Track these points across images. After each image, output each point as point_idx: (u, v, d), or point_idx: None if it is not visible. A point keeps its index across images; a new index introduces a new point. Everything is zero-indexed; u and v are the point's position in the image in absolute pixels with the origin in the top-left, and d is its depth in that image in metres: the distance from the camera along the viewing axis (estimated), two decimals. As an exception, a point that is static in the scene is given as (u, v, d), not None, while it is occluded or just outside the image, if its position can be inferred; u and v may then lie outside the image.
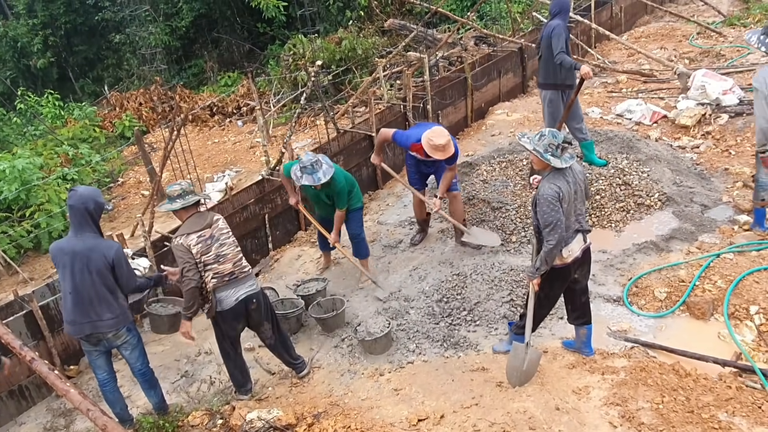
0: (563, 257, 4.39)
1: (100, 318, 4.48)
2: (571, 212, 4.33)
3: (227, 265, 4.69)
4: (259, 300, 4.88)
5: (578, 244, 4.45)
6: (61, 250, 4.46)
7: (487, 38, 12.41)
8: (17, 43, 20.22)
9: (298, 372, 5.24)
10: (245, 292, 4.77)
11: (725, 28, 12.74)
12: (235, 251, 4.78)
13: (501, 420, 4.21)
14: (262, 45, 18.70)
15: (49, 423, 5.31)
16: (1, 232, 8.63)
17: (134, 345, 4.76)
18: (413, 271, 6.47)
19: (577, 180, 4.37)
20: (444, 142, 5.95)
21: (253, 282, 4.88)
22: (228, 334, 4.86)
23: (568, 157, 4.26)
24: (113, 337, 4.61)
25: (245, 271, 4.80)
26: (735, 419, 4.04)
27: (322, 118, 10.23)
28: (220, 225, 4.74)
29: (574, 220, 4.38)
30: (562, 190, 4.22)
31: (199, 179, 9.96)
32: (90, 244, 4.45)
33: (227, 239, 4.73)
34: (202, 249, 4.59)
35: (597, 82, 11.11)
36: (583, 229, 4.47)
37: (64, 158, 11.34)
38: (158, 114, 14.57)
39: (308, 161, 5.79)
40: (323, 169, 5.80)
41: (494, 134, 9.59)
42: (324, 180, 5.78)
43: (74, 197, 4.43)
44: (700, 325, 5.16)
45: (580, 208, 4.44)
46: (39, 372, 3.72)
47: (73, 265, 4.41)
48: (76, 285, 4.42)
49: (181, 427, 4.77)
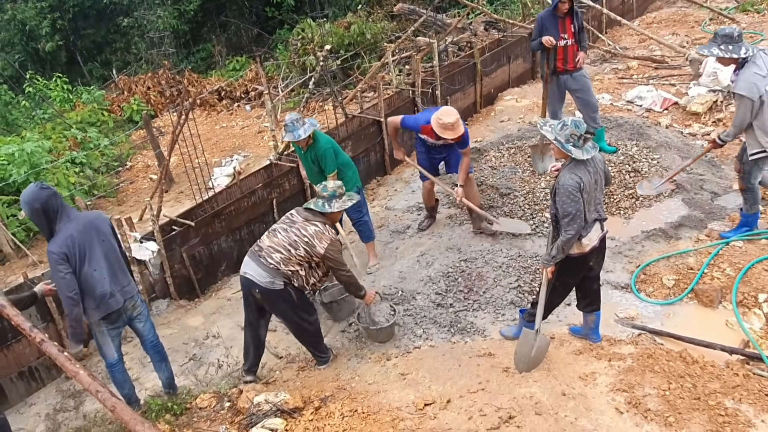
0: (582, 246, 4.37)
1: (123, 284, 4.57)
2: (591, 202, 4.28)
3: (266, 242, 4.81)
4: (265, 294, 4.77)
5: (596, 233, 4.43)
6: (69, 238, 4.29)
7: (497, 23, 12.31)
8: (25, 27, 20.20)
9: (317, 363, 5.25)
10: (252, 274, 4.75)
11: (738, 13, 12.58)
12: (281, 242, 4.74)
13: (507, 405, 4.22)
14: (271, 29, 18.61)
15: (58, 404, 5.37)
16: (11, 215, 8.68)
17: (146, 316, 4.85)
18: (421, 257, 6.47)
19: (598, 169, 4.31)
20: (453, 120, 5.86)
21: (268, 276, 4.71)
22: (246, 301, 4.98)
23: (590, 147, 4.17)
24: (132, 308, 4.67)
25: (270, 261, 4.71)
26: (742, 406, 4.03)
27: (330, 103, 10.19)
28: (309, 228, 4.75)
29: (593, 209, 4.34)
30: (583, 180, 4.15)
31: (207, 164, 9.97)
32: (89, 217, 4.48)
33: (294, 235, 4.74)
34: (278, 221, 4.97)
35: (607, 68, 11.02)
36: (600, 218, 4.45)
37: (72, 142, 11.38)
38: (166, 98, 14.57)
39: (290, 120, 5.85)
40: (304, 127, 5.83)
41: (503, 120, 9.53)
42: (303, 136, 5.81)
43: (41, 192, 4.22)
44: (708, 312, 5.15)
45: (599, 197, 4.40)
46: (49, 353, 3.74)
47: (90, 244, 4.37)
48: (105, 257, 4.43)
49: (189, 410, 4.81)
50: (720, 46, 5.21)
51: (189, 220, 6.56)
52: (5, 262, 8.49)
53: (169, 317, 6.35)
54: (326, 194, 4.85)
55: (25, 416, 5.33)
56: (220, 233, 6.84)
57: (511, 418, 4.10)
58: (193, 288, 6.74)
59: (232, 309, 6.33)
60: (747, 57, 5.13)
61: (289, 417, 4.34)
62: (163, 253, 6.32)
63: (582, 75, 7.25)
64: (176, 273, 6.54)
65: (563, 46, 7.09)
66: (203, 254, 6.76)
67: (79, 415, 5.19)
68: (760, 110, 5.18)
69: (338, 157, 6.12)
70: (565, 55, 7.12)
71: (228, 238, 6.95)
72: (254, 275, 4.76)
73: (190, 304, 6.60)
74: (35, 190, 4.25)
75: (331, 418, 4.28)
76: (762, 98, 5.13)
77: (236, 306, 6.38)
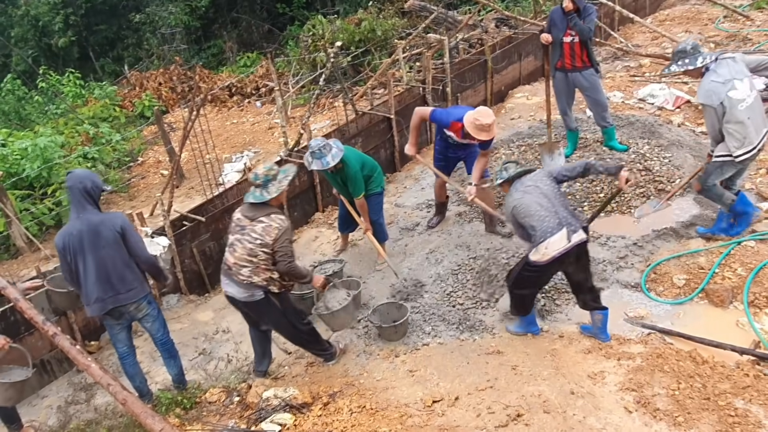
0: (540, 253, 4.51)
1: (119, 292, 4.54)
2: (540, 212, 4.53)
3: (231, 258, 4.67)
4: (251, 308, 4.77)
5: (560, 242, 4.47)
6: (68, 235, 4.45)
7: (508, 20, 12.27)
8: (38, 22, 20.33)
9: (324, 360, 5.22)
10: (232, 293, 4.74)
11: (753, 11, 12.47)
12: (242, 255, 4.58)
13: (515, 403, 4.23)
14: (282, 25, 18.64)
15: (70, 397, 5.42)
16: (24, 210, 8.75)
17: (155, 316, 4.85)
18: (430, 254, 6.47)
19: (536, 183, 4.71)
20: (490, 122, 5.67)
21: (246, 291, 4.64)
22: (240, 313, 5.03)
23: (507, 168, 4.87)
24: (135, 310, 4.69)
25: (241, 277, 4.61)
26: (752, 407, 4.01)
27: (340, 99, 10.20)
28: (257, 228, 4.55)
29: (549, 218, 4.51)
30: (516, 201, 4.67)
31: (217, 159, 10.01)
32: (95, 220, 4.49)
33: (248, 242, 4.56)
34: (232, 230, 4.75)
35: (619, 66, 10.96)
36: (568, 226, 4.50)
37: (84, 137, 11.44)
38: (178, 94, 14.63)
39: (316, 146, 5.76)
40: (332, 153, 5.75)
41: (514, 118, 9.51)
42: (332, 164, 5.73)
43: (72, 178, 4.48)
44: (718, 312, 5.12)
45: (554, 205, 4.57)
46: (61, 347, 3.79)
47: (84, 245, 4.43)
48: (95, 262, 4.46)
49: (198, 404, 4.84)
50: (677, 63, 5.38)
51: (199, 216, 6.60)
52: (18, 256, 8.56)
53: (179, 312, 6.39)
54: (260, 182, 4.60)
55: (37, 408, 5.39)
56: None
57: (519, 416, 4.11)
58: (203, 283, 6.78)
59: (242, 304, 6.36)
60: (706, 66, 5.25)
61: (297, 412, 4.37)
62: (174, 248, 6.36)
63: (591, 73, 7.21)
64: (186, 268, 6.57)
65: (569, 42, 7.06)
66: (213, 249, 6.79)
67: (91, 408, 5.24)
68: (729, 115, 5.16)
69: (365, 168, 6.08)
70: (572, 52, 7.10)
71: (238, 233, 6.97)
72: (233, 293, 4.73)
73: (200, 299, 6.64)
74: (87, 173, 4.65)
75: (340, 414, 4.30)
76: (724, 104, 5.15)
77: (246, 301, 6.42)
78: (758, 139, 5.23)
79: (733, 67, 5.22)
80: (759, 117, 5.23)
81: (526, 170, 4.87)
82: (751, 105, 5.17)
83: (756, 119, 5.20)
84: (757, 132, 5.21)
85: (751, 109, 5.17)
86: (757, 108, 5.22)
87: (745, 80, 5.19)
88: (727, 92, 5.12)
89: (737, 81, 5.16)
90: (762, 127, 5.25)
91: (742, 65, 5.29)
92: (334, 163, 5.74)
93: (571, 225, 4.53)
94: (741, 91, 5.14)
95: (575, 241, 4.51)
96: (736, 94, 5.12)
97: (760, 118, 5.25)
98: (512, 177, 4.83)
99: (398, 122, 8.47)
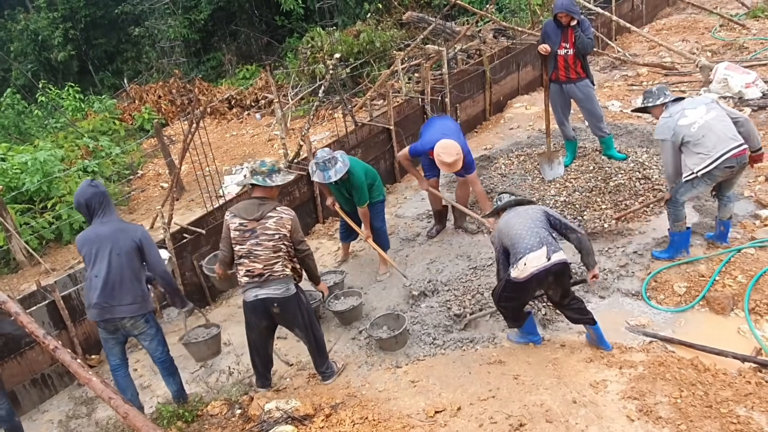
0: (519, 269, 4.55)
1: (120, 303, 4.55)
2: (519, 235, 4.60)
3: (257, 265, 4.60)
4: (283, 305, 4.71)
5: (538, 260, 4.49)
6: (88, 237, 4.56)
7: (506, 31, 12.33)
8: (38, 37, 20.44)
9: (323, 379, 5.12)
10: (266, 293, 4.65)
11: (749, 20, 12.55)
12: (269, 255, 4.59)
13: (518, 412, 4.22)
14: (280, 38, 18.72)
15: (71, 411, 5.41)
16: (24, 224, 8.76)
17: (152, 335, 4.81)
18: (430, 264, 6.48)
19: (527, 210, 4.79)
20: (450, 161, 6.02)
21: (281, 286, 4.66)
22: (250, 325, 4.88)
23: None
24: (131, 327, 4.66)
25: (276, 274, 4.62)
26: (754, 414, 4.00)
27: (340, 111, 10.24)
28: (269, 224, 4.59)
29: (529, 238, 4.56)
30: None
31: (217, 172, 10.02)
32: (116, 227, 4.57)
33: (267, 240, 4.58)
34: (238, 238, 4.62)
35: (617, 75, 11.01)
36: (548, 246, 4.52)
37: (84, 150, 11.47)
38: (177, 107, 14.67)
39: (322, 158, 5.80)
40: (336, 168, 5.79)
41: (512, 128, 9.55)
42: (334, 179, 5.81)
43: (88, 189, 4.56)
44: (719, 320, 5.12)
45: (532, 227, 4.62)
46: (62, 360, 3.78)
47: (101, 250, 4.49)
48: (108, 268, 4.49)
49: (200, 416, 4.83)
50: (643, 101, 5.78)
51: (200, 228, 6.60)
52: (18, 270, 8.56)
53: (180, 325, 6.37)
54: (265, 169, 4.68)
55: (37, 423, 5.37)
56: (230, 241, 6.86)
57: (522, 426, 4.10)
58: (204, 296, 6.77)
59: (243, 317, 6.34)
60: (664, 105, 5.59)
61: (299, 424, 4.35)
62: (174, 261, 6.36)
63: (585, 85, 7.24)
64: (187, 280, 6.57)
65: (563, 55, 7.10)
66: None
67: (92, 422, 5.22)
68: (684, 139, 5.34)
69: (367, 177, 6.14)
70: (566, 64, 7.13)
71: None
72: (269, 292, 4.65)
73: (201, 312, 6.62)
74: (84, 187, 4.59)
75: (342, 426, 4.29)
76: (676, 133, 5.36)
77: (247, 313, 6.41)
78: (720, 152, 5.22)
79: (688, 102, 5.51)
80: (718, 132, 5.25)
81: (519, 201, 4.96)
82: (705, 124, 5.28)
83: (713, 135, 5.24)
84: (717, 146, 5.23)
85: (706, 127, 5.27)
86: (717, 125, 5.28)
87: (699, 107, 5.40)
88: (676, 122, 5.38)
89: (688, 110, 5.41)
90: (726, 141, 5.24)
91: (702, 99, 5.57)
92: (336, 178, 5.80)
93: (551, 245, 4.55)
94: (690, 117, 5.36)
95: (555, 260, 4.52)
96: (684, 121, 5.36)
97: (722, 133, 5.26)
98: (502, 207, 4.94)
99: (398, 133, 8.49)
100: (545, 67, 7.30)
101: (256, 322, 4.82)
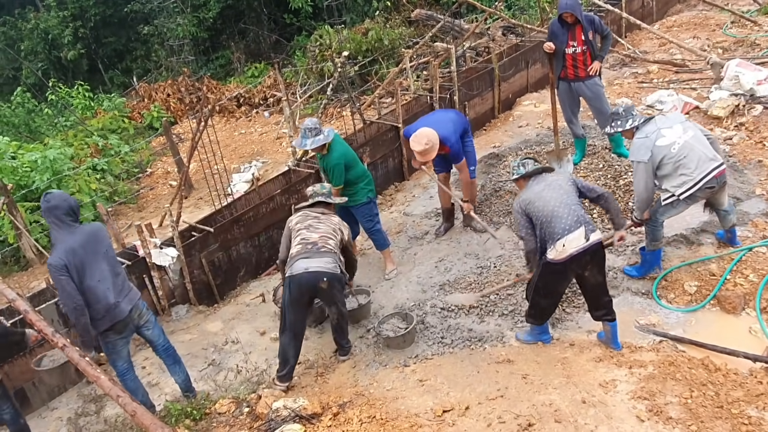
0: (557, 251, 4.51)
1: (130, 289, 4.64)
2: (555, 211, 4.55)
3: (314, 235, 5.10)
4: (332, 281, 5.01)
5: (577, 240, 4.45)
6: (71, 251, 4.29)
7: (515, 28, 12.28)
8: (48, 35, 20.55)
9: (341, 354, 5.42)
10: (317, 266, 4.96)
11: (761, 16, 12.42)
12: (327, 230, 5.18)
13: (526, 412, 4.19)
14: (289, 36, 18.73)
15: (80, 408, 5.43)
16: (34, 222, 8.80)
17: (153, 322, 4.88)
18: (439, 263, 6.46)
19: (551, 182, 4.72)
20: (420, 150, 5.99)
21: (332, 260, 5.05)
22: (293, 303, 5.00)
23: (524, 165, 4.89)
24: (138, 317, 4.70)
25: (329, 247, 5.09)
26: (766, 415, 3.97)
27: (348, 109, 10.23)
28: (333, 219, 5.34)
29: (566, 216, 4.52)
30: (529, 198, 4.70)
31: (226, 170, 10.04)
32: (88, 230, 4.49)
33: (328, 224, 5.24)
34: (299, 224, 5.22)
35: (627, 73, 10.93)
36: (586, 225, 4.49)
37: (94, 149, 11.52)
38: (186, 105, 14.71)
39: (305, 126, 5.89)
40: (315, 138, 5.86)
41: (521, 125, 9.50)
42: (308, 147, 5.91)
43: (56, 198, 4.34)
44: (730, 319, 5.08)
45: (570, 204, 4.57)
46: (70, 358, 3.79)
47: (91, 253, 4.41)
48: (108, 264, 4.49)
49: (208, 415, 4.83)
50: (611, 124, 5.55)
51: (208, 226, 6.61)
52: (28, 268, 8.60)
53: (188, 322, 6.39)
54: (325, 191, 5.47)
55: (47, 420, 5.39)
56: (238, 239, 6.88)
57: (531, 426, 4.07)
58: (212, 294, 6.78)
59: (251, 315, 6.36)
60: (636, 126, 5.35)
61: (307, 423, 4.35)
62: (183, 259, 6.37)
63: (594, 83, 7.18)
64: (195, 279, 6.58)
65: (572, 53, 7.05)
66: (222, 260, 6.80)
67: (100, 420, 5.24)
68: (663, 160, 5.17)
69: (350, 171, 6.09)
70: (574, 62, 7.08)
71: (247, 244, 6.99)
72: (320, 266, 4.97)
73: (209, 310, 6.64)
74: (60, 194, 4.44)
75: (350, 424, 4.28)
76: (654, 154, 5.16)
77: (255, 311, 6.42)
78: (702, 174, 5.14)
79: (661, 122, 5.30)
80: (699, 153, 5.15)
81: (544, 168, 4.88)
82: (685, 144, 5.15)
83: (694, 156, 5.14)
84: (699, 167, 5.13)
85: (686, 147, 5.14)
86: (696, 145, 5.17)
87: (675, 127, 5.23)
88: (654, 143, 5.18)
89: (664, 130, 5.22)
90: (706, 162, 5.15)
91: (675, 117, 5.39)
92: (309, 147, 5.92)
93: (588, 224, 4.53)
94: (669, 138, 5.18)
95: (593, 240, 4.50)
96: (663, 141, 5.18)
97: (702, 154, 5.16)
98: (530, 173, 4.84)
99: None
100: (551, 64, 7.26)
101: (298, 297, 4.99)
